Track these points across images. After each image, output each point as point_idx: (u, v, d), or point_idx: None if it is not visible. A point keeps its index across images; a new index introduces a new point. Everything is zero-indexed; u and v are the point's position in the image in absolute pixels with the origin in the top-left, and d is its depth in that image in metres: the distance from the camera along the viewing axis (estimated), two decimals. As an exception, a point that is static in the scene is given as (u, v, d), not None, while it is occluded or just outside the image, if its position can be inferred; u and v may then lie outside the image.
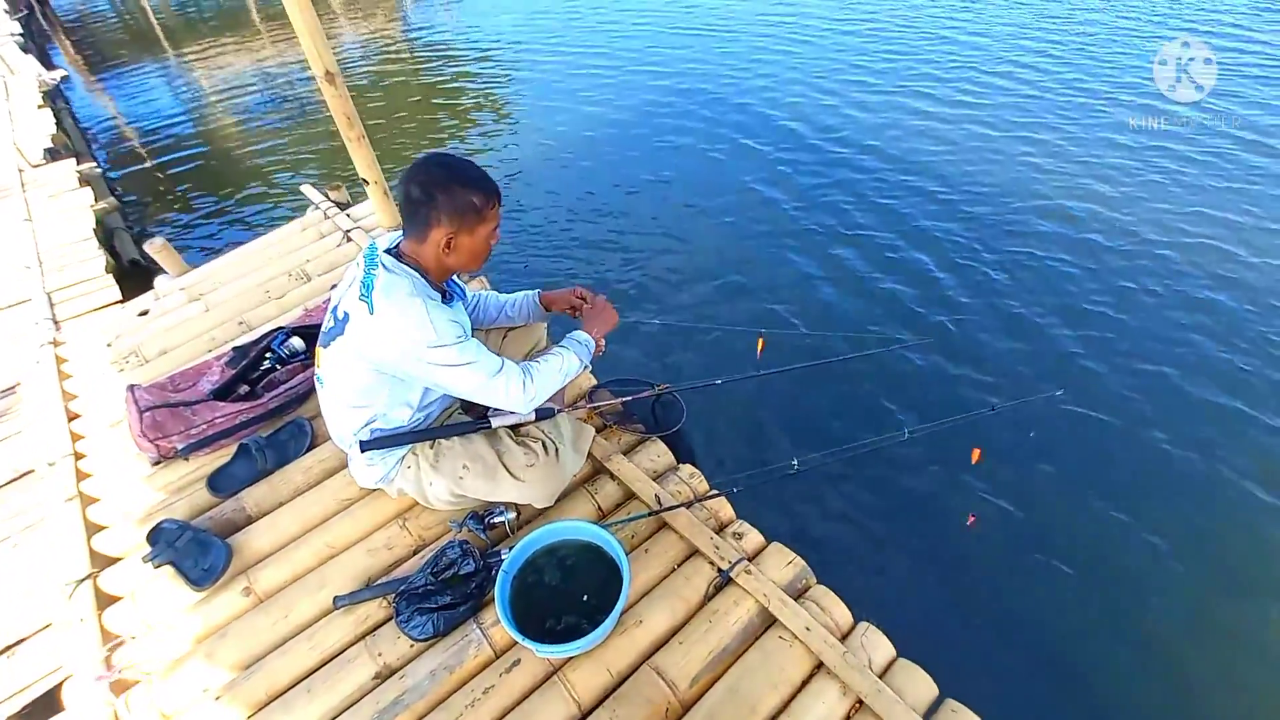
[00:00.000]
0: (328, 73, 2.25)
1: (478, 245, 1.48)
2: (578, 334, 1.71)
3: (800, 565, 1.65)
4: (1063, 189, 4.26)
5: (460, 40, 8.72)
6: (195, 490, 1.99)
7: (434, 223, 1.41)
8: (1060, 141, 4.80)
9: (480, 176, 1.44)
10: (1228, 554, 2.29)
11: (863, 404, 2.79)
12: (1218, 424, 2.70)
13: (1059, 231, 3.88)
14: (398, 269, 1.44)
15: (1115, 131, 4.87)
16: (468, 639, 1.56)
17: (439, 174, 1.40)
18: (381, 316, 1.40)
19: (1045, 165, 4.52)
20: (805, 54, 6.81)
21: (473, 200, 1.40)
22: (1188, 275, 3.49)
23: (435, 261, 1.48)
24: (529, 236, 4.35)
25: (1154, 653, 2.04)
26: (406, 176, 1.42)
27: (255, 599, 1.72)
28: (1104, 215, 3.98)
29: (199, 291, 2.89)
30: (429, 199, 1.39)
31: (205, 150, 6.26)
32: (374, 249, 1.50)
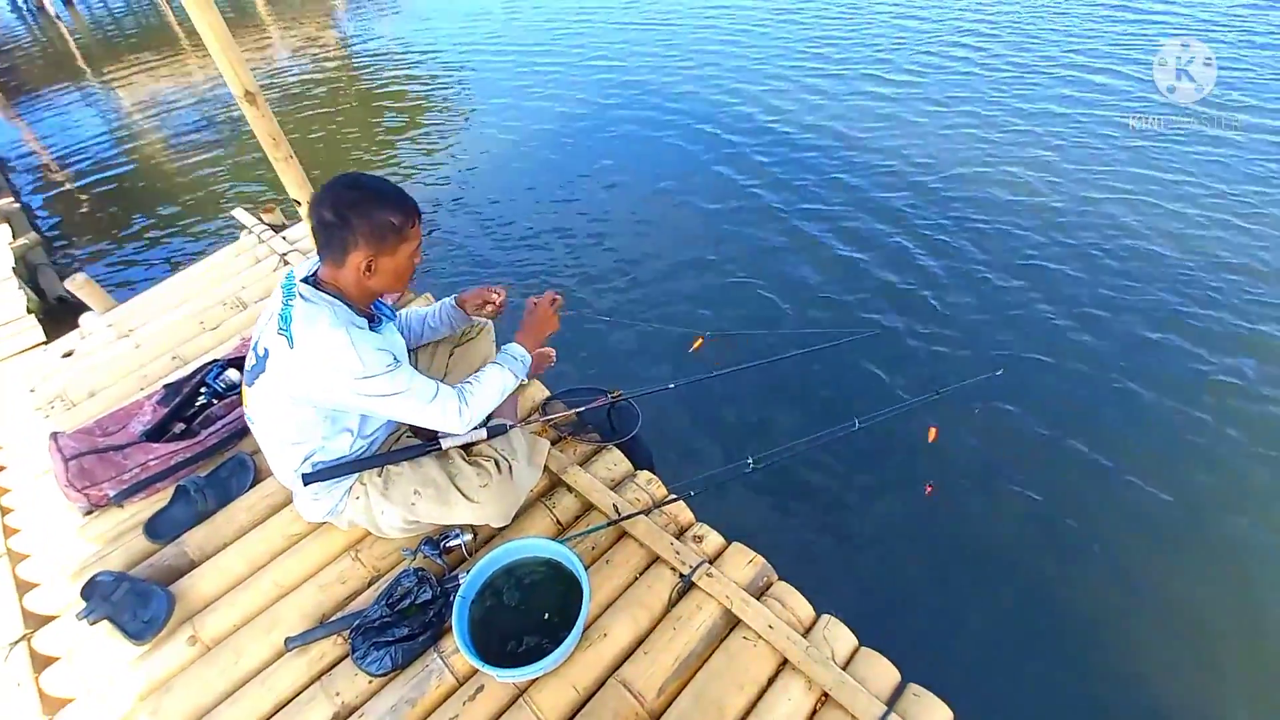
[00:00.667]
0: (247, 92, 2.16)
1: (400, 265, 1.42)
2: (511, 347, 1.67)
3: (761, 563, 1.65)
4: (995, 179, 4.38)
5: (398, 45, 8.56)
6: (132, 538, 1.89)
7: (351, 246, 1.35)
8: (997, 134, 4.92)
9: (396, 195, 1.39)
10: (1171, 512, 2.39)
11: (815, 398, 2.83)
12: (1153, 389, 2.84)
13: (992, 221, 3.99)
14: (316, 298, 1.38)
15: (1049, 120, 5.02)
16: (428, 669, 1.51)
17: (351, 196, 1.34)
18: (302, 350, 1.35)
19: (980, 157, 4.65)
20: (745, 51, 6.87)
21: (391, 220, 1.35)
22: (1113, 259, 3.63)
23: (357, 286, 1.42)
24: (475, 240, 4.30)
25: (1110, 622, 2.11)
26: (317, 200, 1.36)
27: (202, 647, 1.64)
28: (1033, 202, 4.12)
29: (128, 327, 2.75)
30: (343, 222, 1.33)
31: (133, 177, 6.01)
32: (291, 278, 1.44)
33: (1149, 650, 2.04)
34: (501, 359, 1.64)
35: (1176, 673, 1.99)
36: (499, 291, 1.82)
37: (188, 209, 5.28)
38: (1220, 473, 2.49)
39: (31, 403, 2.45)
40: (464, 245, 4.27)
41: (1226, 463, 2.53)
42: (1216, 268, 3.47)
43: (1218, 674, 1.99)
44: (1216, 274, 3.43)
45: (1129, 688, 1.95)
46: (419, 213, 1.42)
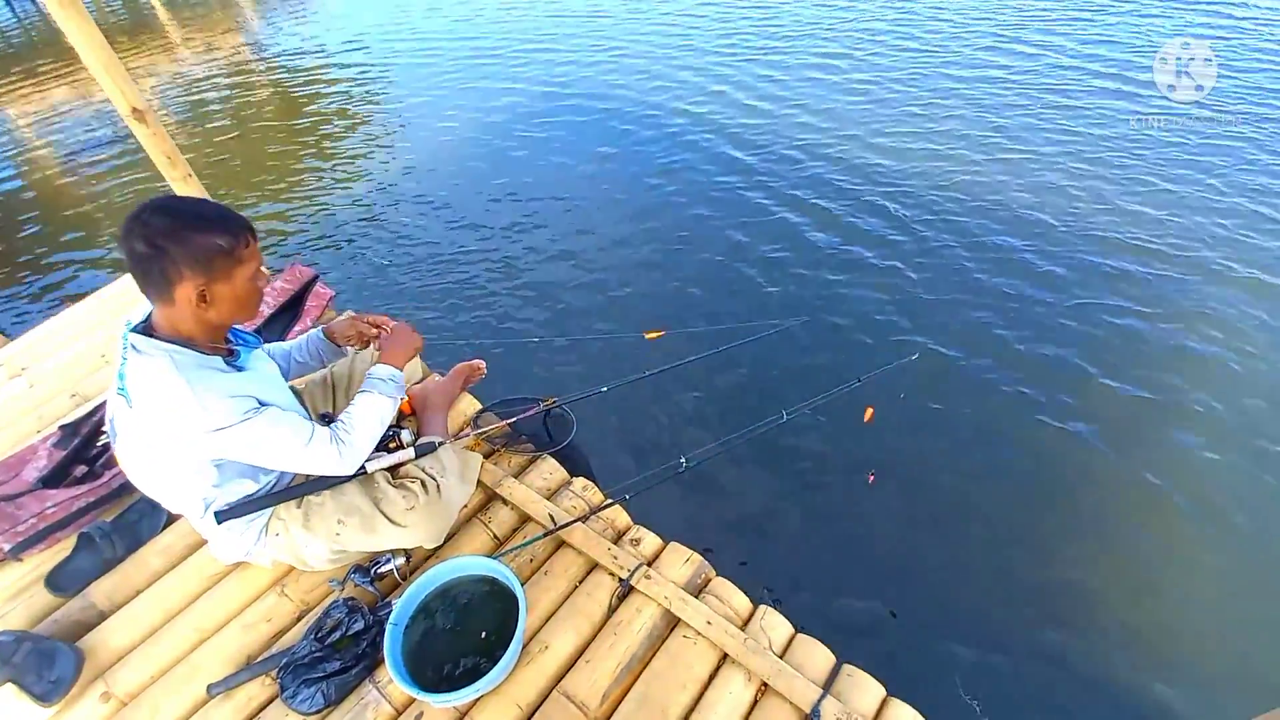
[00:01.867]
0: (135, 110, 2.04)
1: (241, 291, 1.28)
2: (378, 369, 1.55)
3: (698, 561, 1.67)
4: (903, 167, 4.56)
5: (313, 49, 8.23)
6: (33, 593, 1.76)
7: (175, 279, 1.20)
8: (901, 120, 5.12)
9: (219, 213, 1.25)
10: (1074, 477, 2.56)
11: (743, 394, 2.88)
12: (1059, 366, 3.03)
13: (902, 214, 4.15)
14: (149, 349, 1.24)
15: (963, 107, 5.27)
16: (364, 702, 1.47)
17: (164, 222, 1.18)
18: (141, 409, 1.24)
19: (888, 142, 4.82)
20: (677, 59, 6.89)
21: (217, 243, 1.21)
22: (1023, 243, 3.85)
23: (197, 322, 1.27)
24: (387, 259, 4.17)
25: (1039, 596, 2.23)
26: (125, 233, 1.18)
27: (117, 704, 1.54)
28: (943, 187, 4.32)
29: (20, 365, 2.54)
30: (160, 253, 1.17)
31: (22, 198, 5.56)
32: (127, 329, 1.29)
33: (1080, 622, 2.16)
34: (369, 384, 1.51)
35: (1106, 639, 2.12)
36: (374, 320, 1.70)
37: (87, 233, 4.93)
38: (1133, 429, 2.68)
39: (-90, 455, 2.24)
40: (384, 263, 4.13)
41: (1137, 419, 2.72)
42: (1072, 213, 3.69)
43: (1148, 635, 2.12)
44: (1075, 218, 3.66)
45: (1056, 661, 2.06)
46: (251, 230, 1.28)
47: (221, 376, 1.30)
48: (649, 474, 1.72)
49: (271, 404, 1.35)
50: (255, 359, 1.48)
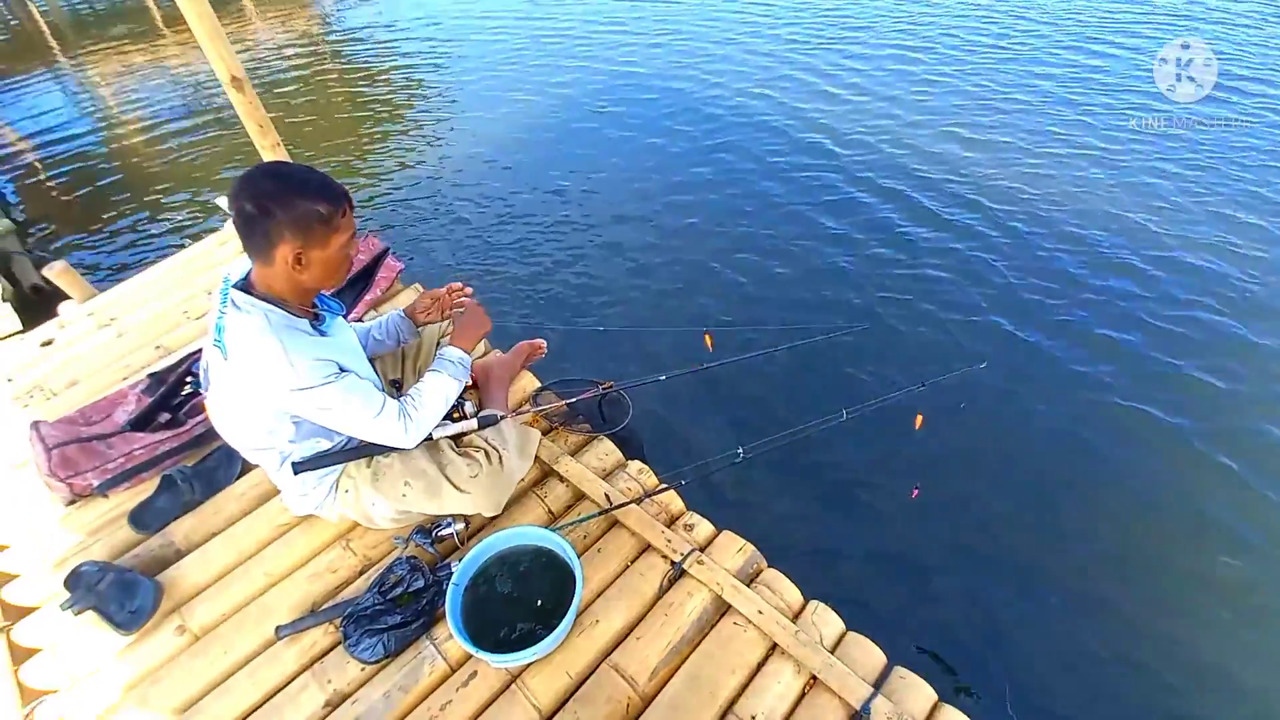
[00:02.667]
0: (234, 78, 2.14)
1: (333, 258, 1.34)
2: (449, 351, 1.60)
3: (751, 551, 1.68)
4: (980, 178, 4.45)
5: (385, 32, 8.45)
6: (116, 529, 1.87)
7: (277, 240, 1.26)
8: (982, 131, 4.99)
9: (322, 182, 1.30)
10: (1153, 505, 2.47)
11: (804, 391, 2.86)
12: (1134, 381, 2.92)
13: (978, 218, 4.06)
14: (248, 305, 1.31)
15: (1031, 115, 5.12)
16: (421, 656, 1.52)
17: (271, 185, 1.25)
18: (236, 362, 1.31)
19: (959, 159, 4.70)
20: (748, 44, 6.85)
21: (318, 210, 1.26)
22: (1097, 251, 3.72)
23: (289, 283, 1.34)
24: (456, 236, 4.26)
25: (1095, 612, 2.18)
26: (235, 193, 1.25)
27: (190, 637, 1.63)
28: (1017, 198, 4.20)
29: (109, 316, 2.70)
30: (266, 215, 1.24)
31: (111, 164, 5.87)
32: (227, 284, 1.37)
33: (1138, 638, 2.10)
34: (440, 365, 1.57)
35: (1163, 659, 2.06)
36: (453, 290, 1.76)
37: (167, 197, 5.18)
38: (1207, 468, 2.56)
39: (8, 393, 2.40)
40: (448, 239, 4.24)
41: (1211, 460, 2.60)
42: (1198, 270, 3.54)
43: (1209, 664, 2.06)
44: (1201, 275, 3.50)
45: (1115, 673, 2.01)
46: (349, 200, 1.34)
47: (308, 339, 1.37)
48: (706, 461, 1.73)
49: (350, 371, 1.41)
50: (338, 326, 1.55)
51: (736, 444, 1.77)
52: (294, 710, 1.46)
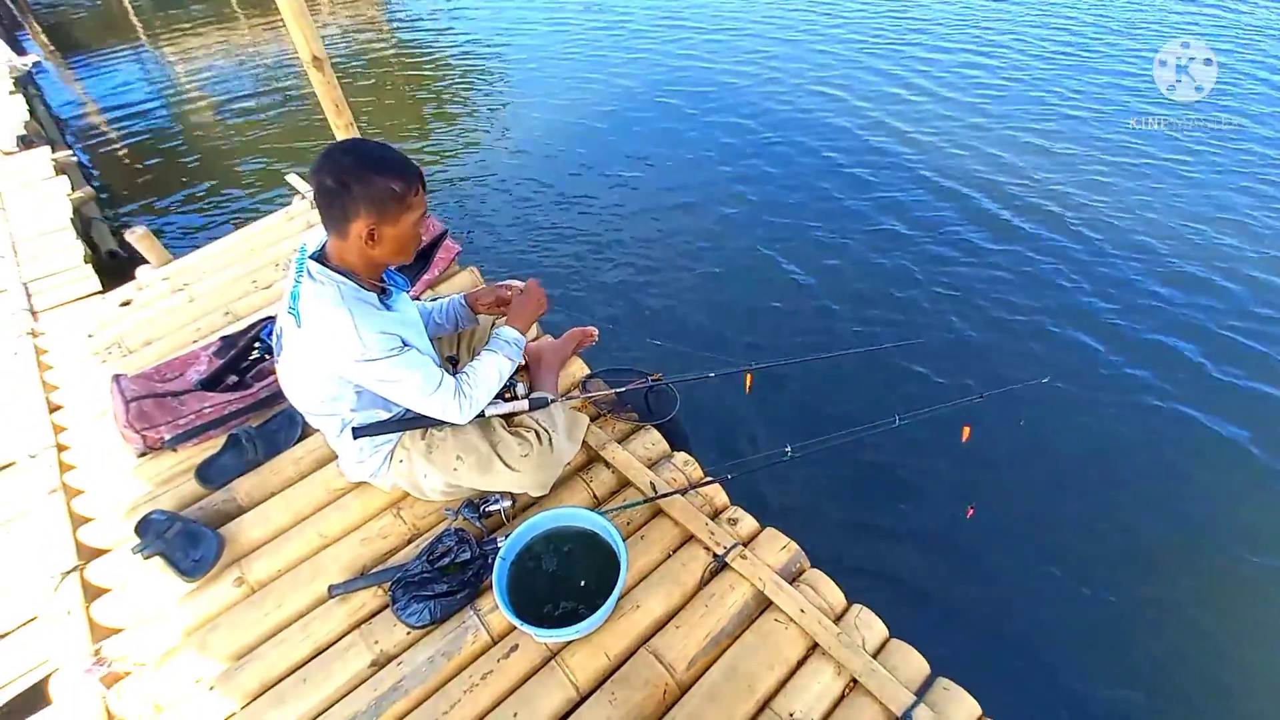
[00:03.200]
0: (315, 58, 2.22)
1: (404, 235, 1.38)
2: (504, 332, 1.64)
3: (794, 550, 1.68)
4: (1044, 188, 4.32)
5: (449, 20, 8.61)
6: (183, 482, 1.96)
7: (353, 215, 1.31)
8: (1045, 140, 4.84)
9: (399, 161, 1.34)
10: (1213, 532, 2.37)
11: (855, 396, 2.83)
12: (1201, 401, 2.80)
13: (1040, 230, 3.95)
14: (322, 276, 1.37)
15: (1104, 127, 4.93)
16: (465, 626, 1.56)
17: (350, 161, 1.29)
18: (308, 329, 1.37)
19: (1028, 164, 4.58)
20: (808, 42, 6.77)
21: (393, 187, 1.30)
22: (1169, 268, 3.57)
23: (361, 257, 1.39)
24: (512, 220, 4.32)
25: (1143, 631, 2.10)
26: (317, 168, 1.31)
27: (248, 589, 1.71)
28: (1086, 211, 4.06)
29: (183, 281, 2.83)
30: (344, 189, 1.29)
31: (184, 138, 6.13)
32: (303, 254, 1.43)
33: (1187, 672, 2.02)
34: (496, 345, 1.62)
35: (1214, 690, 1.97)
36: (514, 288, 1.79)
37: (235, 172, 5.40)
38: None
39: (89, 347, 2.54)
40: (505, 226, 4.30)
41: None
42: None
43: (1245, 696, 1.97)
44: None
45: (1163, 702, 1.93)
46: (422, 180, 1.38)
47: (376, 312, 1.42)
48: (753, 458, 1.73)
49: (413, 346, 1.46)
50: (402, 301, 1.59)
51: (784, 443, 1.76)
52: (342, 666, 1.52)
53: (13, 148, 4.68)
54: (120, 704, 1.51)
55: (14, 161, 4.49)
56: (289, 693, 1.49)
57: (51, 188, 4.09)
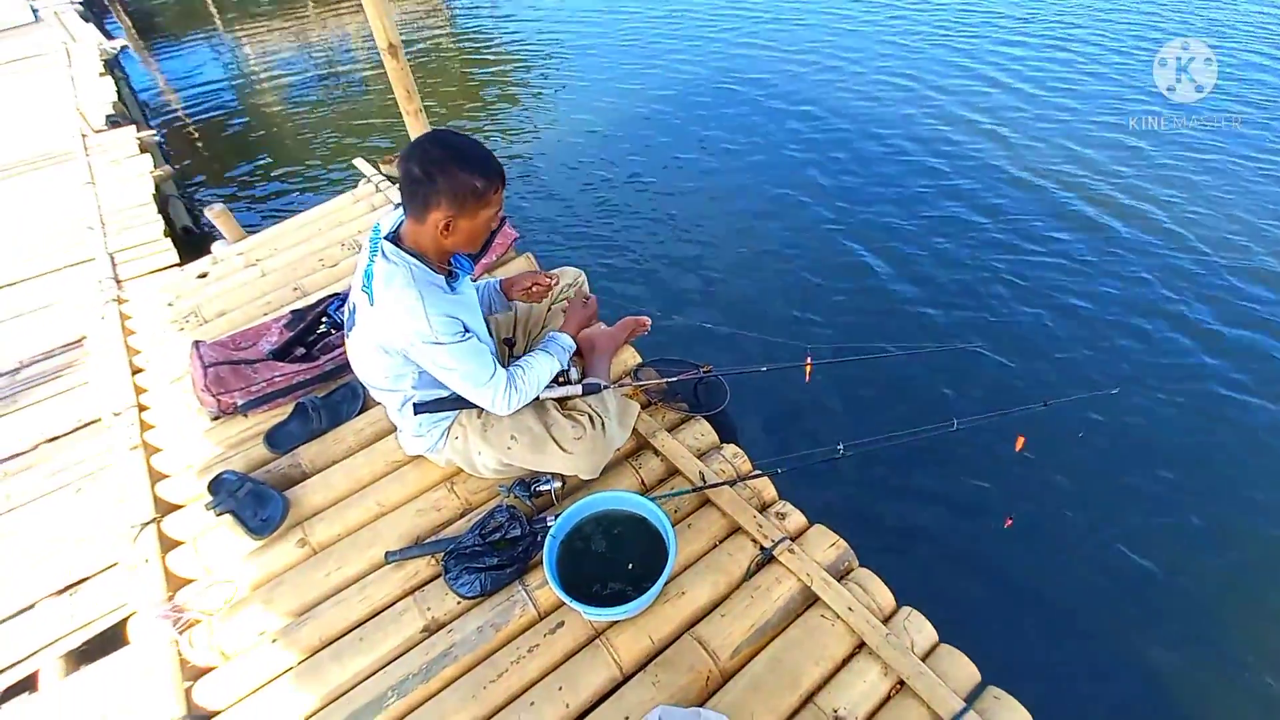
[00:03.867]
0: (390, 45, 2.29)
1: (477, 228, 1.43)
2: (561, 337, 1.74)
3: (843, 547, 1.66)
4: (1131, 190, 4.12)
5: (508, 9, 8.74)
6: (252, 446, 2.07)
7: (433, 205, 1.36)
8: (1136, 141, 4.62)
9: (484, 158, 1.38)
10: None
11: (913, 397, 2.77)
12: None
13: (1122, 233, 3.77)
14: (396, 257, 1.43)
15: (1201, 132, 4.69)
16: (513, 600, 1.60)
17: (439, 154, 1.34)
18: (380, 308, 1.42)
19: (1116, 165, 4.36)
20: (872, 46, 6.64)
21: (475, 184, 1.35)
22: (1260, 280, 3.37)
23: (434, 243, 1.44)
24: (568, 207, 4.37)
25: (1200, 652, 2.02)
26: (406, 155, 1.37)
27: (310, 550, 1.79)
28: (1169, 217, 3.85)
29: (255, 257, 2.97)
30: (429, 180, 1.33)
31: (254, 123, 6.40)
32: (377, 233, 1.49)
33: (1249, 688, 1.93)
34: (551, 348, 1.70)
35: None
36: (549, 277, 1.86)
37: (303, 156, 5.61)
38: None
39: (168, 315, 2.70)
40: (561, 216, 4.33)
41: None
42: None
43: None
44: None
45: None
46: (503, 178, 1.42)
47: (443, 296, 1.47)
48: (804, 453, 1.72)
49: (473, 331, 1.51)
50: (465, 284, 1.64)
51: (836, 439, 1.74)
52: (396, 629, 1.58)
53: (102, 126, 4.97)
54: (190, 649, 1.60)
55: (103, 139, 4.77)
56: (346, 650, 1.55)
57: (136, 165, 4.33)
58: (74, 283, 3.22)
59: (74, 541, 2.07)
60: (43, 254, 3.50)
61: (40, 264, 3.42)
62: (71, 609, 1.93)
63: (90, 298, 3.00)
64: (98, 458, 2.31)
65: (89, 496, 2.22)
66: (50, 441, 2.43)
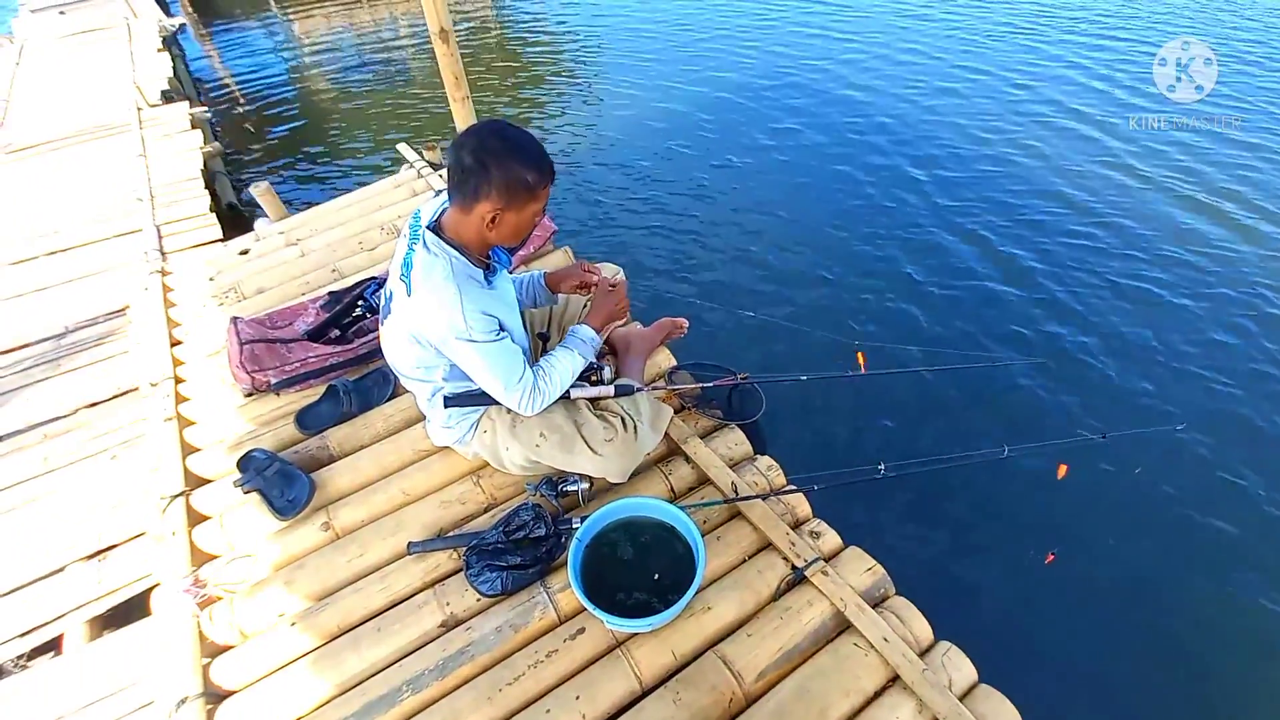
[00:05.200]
0: (442, 30, 2.28)
1: (523, 223, 1.40)
2: (583, 330, 1.66)
3: (880, 573, 1.59)
4: (1205, 215, 3.93)
5: (549, 4, 8.75)
6: (283, 425, 2.07)
7: (483, 195, 1.33)
8: (1204, 166, 4.41)
9: (538, 153, 1.35)
10: None
11: (960, 417, 2.66)
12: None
13: (1192, 258, 3.58)
14: (437, 248, 1.40)
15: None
16: (534, 601, 1.56)
17: (496, 145, 1.30)
18: (417, 299, 1.40)
19: (1182, 188, 4.16)
20: (927, 51, 6.48)
21: (527, 178, 1.32)
22: None
23: (476, 235, 1.41)
24: (608, 204, 4.33)
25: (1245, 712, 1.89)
26: (459, 143, 1.33)
27: (333, 534, 1.77)
28: (1259, 241, 3.66)
29: (296, 237, 2.99)
30: (482, 170, 1.30)
31: (302, 105, 6.51)
32: (417, 221, 1.46)
33: None
34: (573, 343, 1.63)
35: None
36: (595, 270, 1.79)
37: (348, 140, 5.68)
38: None
39: (209, 290, 2.73)
40: (600, 212, 4.29)
41: None
42: None
43: None
44: None
45: None
46: (553, 174, 1.39)
47: (480, 291, 1.43)
48: (842, 471, 1.65)
49: (509, 330, 1.48)
50: (502, 278, 1.60)
51: (877, 458, 1.67)
52: (415, 621, 1.55)
53: (157, 100, 5.09)
54: (210, 626, 1.60)
55: (157, 113, 4.88)
56: (364, 639, 1.53)
57: (187, 140, 4.42)
58: (121, 252, 3.30)
59: (107, 508, 2.10)
60: (94, 222, 3.59)
61: (91, 232, 3.51)
62: (99, 574, 1.95)
63: (136, 268, 3.05)
64: (134, 426, 2.35)
65: (124, 464, 2.25)
66: (90, 407, 2.48)
